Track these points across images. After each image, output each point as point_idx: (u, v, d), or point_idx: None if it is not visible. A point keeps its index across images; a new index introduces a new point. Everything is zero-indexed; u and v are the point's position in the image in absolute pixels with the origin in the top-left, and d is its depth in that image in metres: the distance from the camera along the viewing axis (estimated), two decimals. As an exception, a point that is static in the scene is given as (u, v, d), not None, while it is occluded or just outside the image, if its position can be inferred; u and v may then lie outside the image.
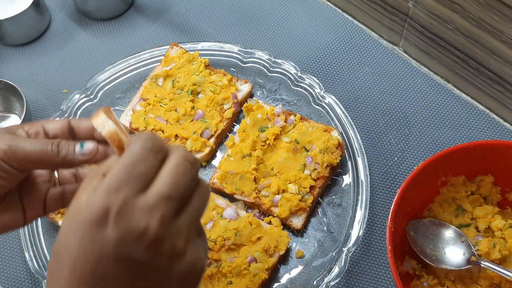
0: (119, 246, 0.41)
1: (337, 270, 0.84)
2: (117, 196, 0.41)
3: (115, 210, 0.41)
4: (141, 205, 0.41)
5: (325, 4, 1.18)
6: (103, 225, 0.41)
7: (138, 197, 0.42)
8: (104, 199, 0.41)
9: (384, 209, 0.93)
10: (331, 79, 1.08)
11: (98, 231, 0.41)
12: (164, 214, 0.42)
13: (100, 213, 0.41)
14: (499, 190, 0.87)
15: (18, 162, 0.54)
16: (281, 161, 0.93)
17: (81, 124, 0.59)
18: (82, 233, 0.41)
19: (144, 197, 0.42)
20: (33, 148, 0.54)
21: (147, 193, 0.42)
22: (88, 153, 0.56)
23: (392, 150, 0.99)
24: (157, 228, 0.41)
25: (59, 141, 0.56)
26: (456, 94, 1.04)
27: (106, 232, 0.41)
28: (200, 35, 1.15)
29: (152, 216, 0.41)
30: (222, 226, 0.87)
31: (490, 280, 0.80)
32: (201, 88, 1.02)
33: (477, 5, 0.86)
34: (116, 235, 0.41)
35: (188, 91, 1.00)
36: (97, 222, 0.41)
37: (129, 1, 1.20)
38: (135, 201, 0.41)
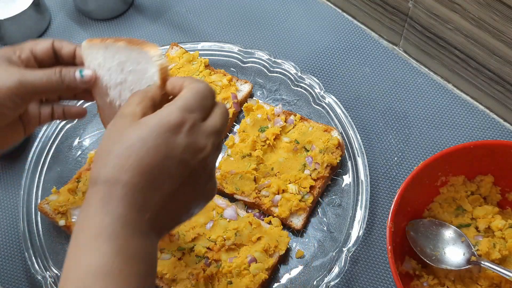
0: (184, 152, 0.53)
1: (337, 270, 0.84)
2: (190, 116, 0.54)
3: (188, 125, 0.53)
4: (203, 130, 0.55)
5: (325, 4, 1.18)
6: (176, 133, 0.52)
7: (201, 123, 0.55)
8: (181, 114, 0.53)
9: (384, 209, 0.93)
10: (331, 79, 1.08)
11: (172, 136, 0.52)
12: (214, 142, 0.56)
13: (177, 124, 0.52)
14: (499, 190, 0.87)
15: (28, 94, 0.63)
16: (281, 161, 0.93)
17: (64, 48, 0.69)
18: (158, 134, 0.51)
19: (205, 125, 0.55)
20: (40, 81, 0.63)
21: (206, 123, 0.56)
22: (88, 80, 0.67)
23: (392, 150, 0.99)
24: (210, 149, 0.55)
25: (61, 69, 0.65)
26: (456, 94, 1.04)
27: (177, 139, 0.52)
28: (200, 35, 1.15)
29: (209, 140, 0.55)
30: (222, 226, 0.87)
31: (490, 280, 0.80)
32: (201, 88, 1.01)
33: (477, 5, 0.86)
34: (184, 143, 0.53)
35: (188, 91, 1.00)
36: (173, 130, 0.52)
37: (129, 1, 1.20)
38: (200, 125, 0.55)
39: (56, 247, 0.90)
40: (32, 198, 0.93)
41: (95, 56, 0.72)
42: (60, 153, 0.99)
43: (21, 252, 0.90)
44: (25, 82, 0.62)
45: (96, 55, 0.71)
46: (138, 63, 0.69)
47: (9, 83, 0.61)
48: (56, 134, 1.00)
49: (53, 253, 0.89)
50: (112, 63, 0.72)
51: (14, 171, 1.01)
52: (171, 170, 0.52)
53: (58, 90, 0.66)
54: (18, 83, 0.62)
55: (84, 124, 1.03)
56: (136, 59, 0.69)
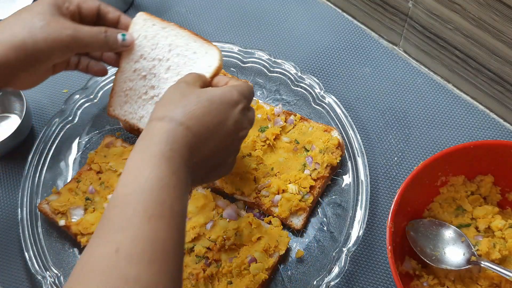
0: (234, 124, 0.68)
1: (337, 270, 0.84)
2: (244, 100, 0.69)
3: (241, 106, 0.69)
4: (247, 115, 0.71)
5: (325, 4, 1.18)
6: (233, 108, 0.67)
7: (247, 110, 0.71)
8: (239, 95, 0.69)
9: (384, 209, 0.93)
10: (331, 79, 1.08)
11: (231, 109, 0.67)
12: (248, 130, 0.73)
13: (235, 101, 0.68)
14: (499, 190, 0.87)
15: (77, 48, 0.72)
16: (281, 161, 0.93)
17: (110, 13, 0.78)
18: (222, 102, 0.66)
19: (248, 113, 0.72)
20: (90, 38, 0.72)
21: (249, 113, 0.72)
22: (128, 43, 0.79)
23: (392, 150, 0.99)
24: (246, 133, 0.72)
25: (106, 30, 0.74)
26: (456, 94, 1.04)
27: (233, 113, 0.67)
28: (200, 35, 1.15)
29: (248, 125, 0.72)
30: (222, 226, 0.87)
31: (490, 280, 0.80)
32: (201, 88, 1.02)
33: (477, 5, 0.86)
34: (236, 118, 0.68)
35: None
36: (232, 104, 0.67)
37: (129, 1, 1.20)
38: (246, 111, 0.71)
39: (56, 247, 0.90)
40: (32, 198, 0.93)
41: (146, 28, 0.85)
42: (60, 153, 0.99)
43: (21, 252, 0.90)
44: (77, 38, 0.70)
45: (147, 28, 0.85)
46: (194, 53, 0.85)
47: (63, 37, 0.69)
48: (56, 134, 1.00)
49: (53, 253, 0.89)
50: (164, 41, 0.85)
51: (14, 171, 1.01)
52: (221, 134, 0.66)
53: (100, 48, 0.75)
54: (71, 38, 0.69)
55: (84, 124, 1.03)
56: (193, 49, 0.85)
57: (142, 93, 0.87)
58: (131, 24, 0.86)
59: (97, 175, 0.94)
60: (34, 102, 1.08)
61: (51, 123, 1.00)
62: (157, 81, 0.88)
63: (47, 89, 1.10)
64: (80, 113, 1.02)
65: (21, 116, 0.99)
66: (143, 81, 0.89)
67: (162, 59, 0.88)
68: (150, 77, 0.88)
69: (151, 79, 0.88)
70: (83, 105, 1.03)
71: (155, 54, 0.87)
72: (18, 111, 1.04)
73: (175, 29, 0.89)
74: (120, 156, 0.95)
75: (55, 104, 1.08)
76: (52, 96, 1.09)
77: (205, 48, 0.86)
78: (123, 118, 0.90)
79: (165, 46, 0.88)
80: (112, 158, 0.95)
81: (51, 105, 1.08)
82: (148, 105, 0.89)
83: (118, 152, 0.95)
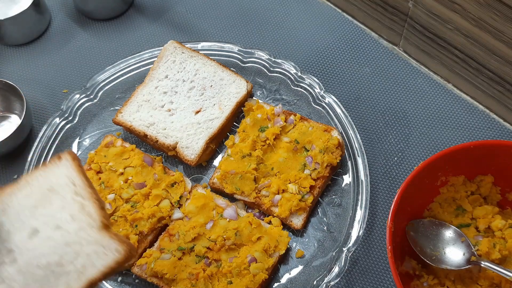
0: None
1: (337, 270, 0.84)
2: None
3: None
4: None
5: (325, 4, 1.18)
6: None
7: None
8: None
9: (384, 209, 0.93)
10: (331, 79, 1.08)
11: None
12: None
13: None
14: (499, 190, 0.87)
15: None
16: (281, 161, 0.93)
17: None
18: None
19: None
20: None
21: None
22: None
23: (392, 150, 0.99)
24: None
25: None
26: (456, 94, 1.04)
27: None
28: (200, 35, 1.15)
29: None
30: (222, 226, 0.87)
31: (490, 280, 0.80)
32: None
33: (477, 5, 0.86)
34: None
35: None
36: None
37: (129, 1, 1.20)
38: None
39: (56, 247, 0.90)
40: (32, 198, 0.93)
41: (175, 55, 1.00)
42: (60, 153, 0.99)
43: (21, 252, 0.90)
44: None
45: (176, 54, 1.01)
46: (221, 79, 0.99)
47: None
48: (56, 134, 1.00)
49: (53, 253, 0.89)
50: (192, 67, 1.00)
51: (14, 171, 1.01)
52: None
53: None
54: None
55: (84, 124, 1.03)
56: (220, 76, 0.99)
57: (159, 106, 0.99)
58: (162, 49, 0.97)
59: (97, 175, 0.94)
60: (34, 102, 1.08)
61: (51, 123, 1.00)
62: (176, 98, 0.99)
63: (47, 89, 1.10)
64: (80, 113, 1.02)
65: (21, 116, 0.99)
66: (163, 96, 0.99)
67: (186, 80, 1.00)
68: (171, 93, 0.99)
69: (171, 96, 0.99)
70: (83, 105, 1.03)
71: (180, 75, 0.99)
72: (18, 111, 1.04)
73: (203, 58, 1.01)
74: (120, 156, 0.95)
75: (55, 104, 1.08)
76: (52, 96, 1.09)
77: (233, 78, 0.99)
78: (129, 124, 0.95)
79: (192, 71, 1.00)
80: (112, 158, 0.95)
81: (51, 105, 1.08)
82: (161, 116, 0.95)
83: (118, 152, 0.95)
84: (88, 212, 0.65)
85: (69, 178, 0.68)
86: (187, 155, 0.95)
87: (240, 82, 0.99)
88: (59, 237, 0.64)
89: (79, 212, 0.65)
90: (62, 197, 0.66)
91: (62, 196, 0.66)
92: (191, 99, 0.99)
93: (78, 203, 0.65)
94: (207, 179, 0.97)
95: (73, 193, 0.66)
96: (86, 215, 0.64)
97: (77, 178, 0.68)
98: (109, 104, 1.05)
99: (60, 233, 0.64)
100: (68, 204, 0.66)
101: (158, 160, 0.98)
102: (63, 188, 0.67)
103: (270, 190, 0.90)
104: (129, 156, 0.95)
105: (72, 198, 0.66)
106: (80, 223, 0.64)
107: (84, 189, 0.67)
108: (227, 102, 0.98)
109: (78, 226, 0.64)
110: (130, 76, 1.06)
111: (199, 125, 0.97)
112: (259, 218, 0.90)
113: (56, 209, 0.66)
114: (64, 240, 0.64)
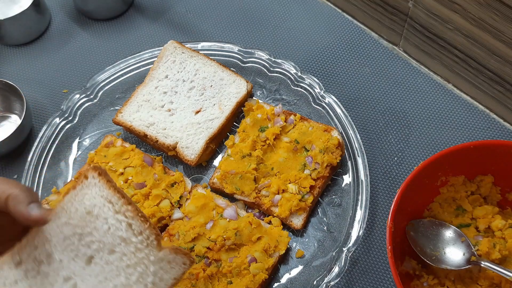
0: None
1: (337, 270, 0.84)
2: None
3: None
4: None
5: (325, 4, 1.18)
6: None
7: None
8: None
9: (384, 209, 0.93)
10: (331, 79, 1.08)
11: None
12: None
13: None
14: (499, 190, 0.87)
15: None
16: (281, 161, 0.93)
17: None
18: None
19: None
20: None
21: None
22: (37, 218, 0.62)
23: (392, 150, 0.99)
24: None
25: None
26: (456, 94, 1.04)
27: None
28: (200, 35, 1.15)
29: None
30: (222, 226, 0.87)
31: (490, 280, 0.80)
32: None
33: (477, 5, 0.86)
34: None
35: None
36: None
37: (129, 1, 1.20)
38: None
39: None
40: (32, 198, 0.93)
41: (175, 55, 1.00)
42: (60, 153, 0.99)
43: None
44: None
45: (176, 54, 1.01)
46: (221, 79, 0.99)
47: None
48: (56, 134, 1.00)
49: (53, 253, 0.89)
50: (192, 67, 0.99)
51: (14, 171, 1.01)
52: None
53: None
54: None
55: (84, 124, 1.03)
56: (220, 76, 0.99)
57: (159, 106, 0.98)
58: (162, 49, 0.96)
59: (97, 175, 0.93)
60: (34, 102, 1.08)
61: (51, 123, 1.00)
62: (176, 98, 0.98)
63: (47, 89, 1.10)
64: (80, 113, 1.02)
65: (21, 116, 0.99)
66: (163, 95, 0.99)
67: (186, 80, 0.99)
68: (171, 93, 0.99)
69: (171, 95, 0.98)
70: (83, 105, 1.03)
71: (180, 75, 0.98)
72: (18, 111, 1.04)
73: (203, 58, 1.01)
74: (120, 156, 0.95)
75: (55, 104, 1.08)
76: (52, 96, 1.09)
77: (233, 78, 0.99)
78: (129, 124, 0.95)
79: (192, 71, 0.99)
80: (112, 158, 0.94)
81: (51, 105, 1.08)
82: (161, 116, 0.95)
83: (118, 152, 0.95)
84: (138, 231, 0.61)
85: (104, 197, 0.63)
86: (187, 155, 0.95)
87: (240, 82, 0.99)
88: (117, 260, 0.61)
89: (128, 233, 0.61)
90: (104, 219, 0.62)
91: (104, 218, 0.62)
92: (191, 99, 0.99)
93: (123, 222, 0.62)
94: (207, 179, 0.97)
95: (114, 212, 0.62)
96: (137, 235, 0.61)
97: (112, 195, 0.62)
98: (109, 104, 1.05)
99: (117, 257, 0.61)
100: (113, 226, 0.62)
101: (158, 160, 0.98)
102: (102, 209, 0.62)
103: (270, 190, 0.90)
104: (129, 156, 0.95)
105: (115, 219, 0.62)
106: (135, 244, 0.61)
107: (123, 206, 0.62)
108: (227, 102, 0.98)
109: (134, 248, 0.61)
110: (130, 76, 1.06)
111: (199, 125, 0.97)
112: (259, 218, 0.90)
113: (102, 233, 0.62)
114: (124, 263, 0.61)
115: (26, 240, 0.63)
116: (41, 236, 0.63)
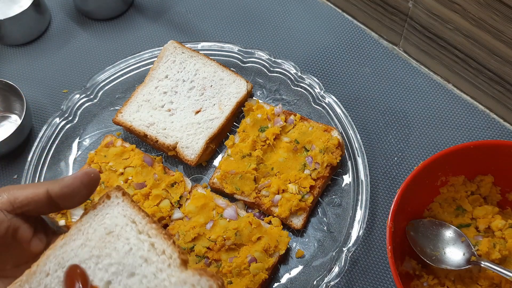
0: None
1: (337, 270, 0.84)
2: None
3: None
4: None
5: (325, 4, 1.18)
6: None
7: None
8: None
9: (384, 209, 0.93)
10: (331, 79, 1.08)
11: None
12: None
13: None
14: (499, 190, 0.87)
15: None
16: (281, 161, 0.93)
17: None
18: None
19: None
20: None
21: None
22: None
23: (392, 150, 0.99)
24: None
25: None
26: (456, 94, 1.04)
27: None
28: (200, 35, 1.15)
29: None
30: (222, 226, 0.87)
31: (490, 280, 0.80)
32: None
33: (477, 5, 0.86)
34: None
35: (188, 91, 1.02)
36: None
37: (129, 1, 1.20)
38: None
39: (56, 247, 0.90)
40: (32, 198, 0.93)
41: (175, 55, 1.00)
42: (60, 153, 0.99)
43: (21, 252, 0.90)
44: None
45: (176, 54, 1.01)
46: (221, 79, 0.99)
47: None
48: (56, 134, 1.00)
49: (53, 253, 0.89)
50: (192, 67, 1.00)
51: (14, 171, 1.01)
52: None
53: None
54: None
55: (84, 124, 1.03)
56: (220, 76, 0.99)
57: (159, 106, 0.99)
58: (162, 49, 0.96)
59: (97, 175, 0.93)
60: (34, 102, 1.08)
61: (51, 123, 1.00)
62: (176, 98, 0.98)
63: (47, 89, 1.10)
64: (80, 113, 1.02)
65: (21, 116, 0.99)
66: (163, 95, 0.99)
67: (186, 80, 1.00)
68: (171, 93, 0.99)
69: (171, 95, 0.99)
70: (83, 105, 1.03)
71: (180, 75, 0.99)
72: (18, 111, 1.04)
73: (203, 58, 1.02)
74: (120, 156, 0.95)
75: (55, 104, 1.08)
76: (52, 96, 1.09)
77: (233, 78, 0.99)
78: (129, 124, 0.95)
79: (192, 71, 1.00)
80: (112, 158, 0.94)
81: (51, 105, 1.08)
82: (161, 116, 0.95)
83: (118, 152, 0.95)
84: (161, 250, 0.58)
85: (127, 217, 0.60)
86: (187, 155, 0.95)
87: (240, 82, 0.99)
88: (137, 283, 0.57)
89: (150, 253, 0.58)
90: (126, 239, 0.59)
91: (125, 238, 0.59)
92: (191, 99, 0.99)
93: (146, 242, 0.59)
94: (207, 179, 0.97)
95: (137, 232, 0.59)
96: (160, 254, 0.58)
97: (136, 215, 0.60)
98: (109, 104, 1.05)
99: (138, 279, 0.57)
100: (134, 246, 0.59)
101: (158, 160, 0.98)
102: (124, 229, 0.59)
103: (270, 190, 0.90)
104: (129, 156, 0.95)
105: (138, 238, 0.59)
106: (157, 264, 0.58)
107: (147, 225, 0.59)
108: (227, 102, 0.98)
109: (155, 268, 0.57)
110: (130, 76, 1.06)
111: (199, 125, 0.97)
112: (259, 218, 0.90)
113: (123, 254, 0.58)
114: (145, 286, 0.57)
115: (36, 266, 0.59)
116: (53, 261, 0.59)
